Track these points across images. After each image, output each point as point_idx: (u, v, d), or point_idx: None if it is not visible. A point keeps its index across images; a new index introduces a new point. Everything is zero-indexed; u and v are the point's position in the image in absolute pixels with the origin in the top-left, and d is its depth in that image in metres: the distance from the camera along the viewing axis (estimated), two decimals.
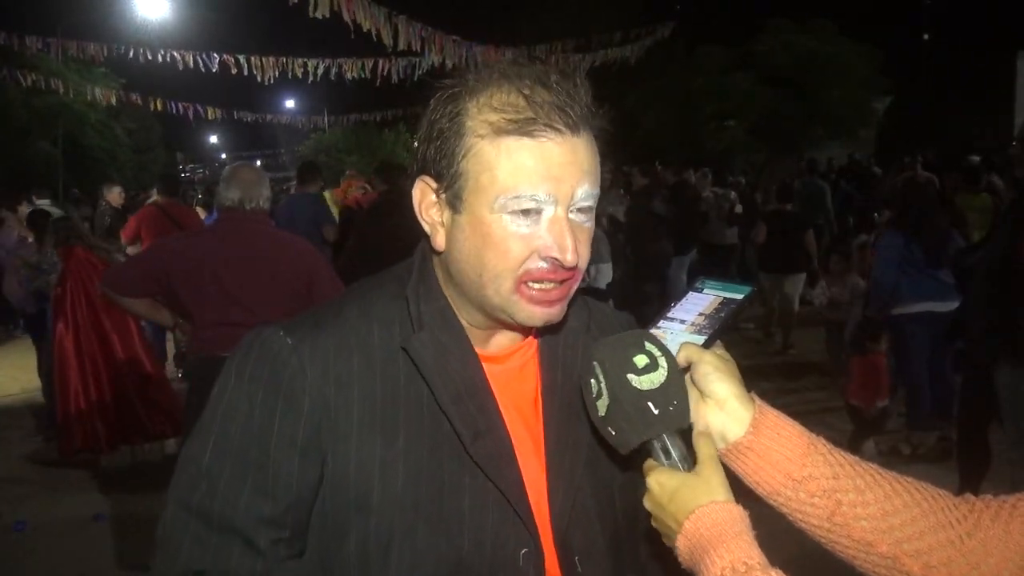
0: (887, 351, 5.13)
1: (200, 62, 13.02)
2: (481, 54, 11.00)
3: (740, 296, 1.03)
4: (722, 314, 1.02)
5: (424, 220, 1.00)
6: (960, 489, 1.08)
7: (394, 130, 30.90)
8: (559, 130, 0.93)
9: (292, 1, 8.15)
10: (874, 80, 21.96)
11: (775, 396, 5.62)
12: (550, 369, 1.08)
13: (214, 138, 59.73)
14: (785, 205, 8.26)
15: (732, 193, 10.42)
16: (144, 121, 28.06)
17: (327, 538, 0.99)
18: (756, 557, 0.81)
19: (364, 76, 12.87)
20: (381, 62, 12.61)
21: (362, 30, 8.95)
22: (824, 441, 0.96)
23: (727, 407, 0.94)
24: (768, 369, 7.28)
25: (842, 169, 15.62)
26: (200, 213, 8.92)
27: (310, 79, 13.14)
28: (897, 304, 5.11)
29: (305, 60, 13.13)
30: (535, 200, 0.93)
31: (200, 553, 0.96)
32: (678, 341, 0.99)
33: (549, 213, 0.94)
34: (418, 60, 11.83)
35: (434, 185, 0.97)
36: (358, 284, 1.10)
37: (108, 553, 4.18)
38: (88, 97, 20.13)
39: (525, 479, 1.01)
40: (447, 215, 0.98)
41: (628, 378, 0.89)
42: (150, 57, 13.26)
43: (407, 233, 1.10)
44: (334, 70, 13.03)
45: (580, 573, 1.02)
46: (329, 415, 0.97)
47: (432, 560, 0.96)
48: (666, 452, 0.91)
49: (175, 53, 13.20)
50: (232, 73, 13.01)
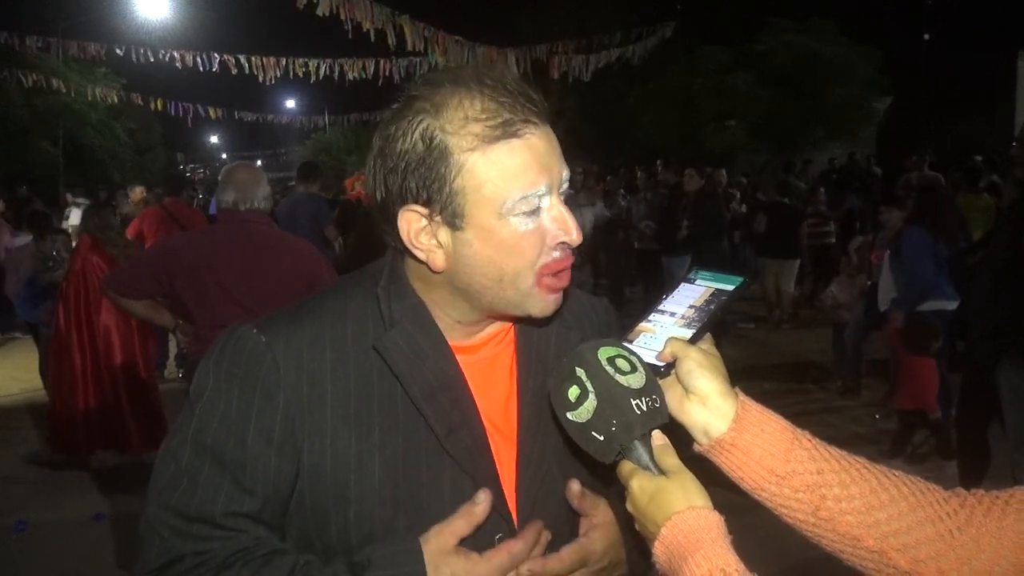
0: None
1: (200, 62, 13.03)
2: (483, 54, 10.99)
3: (731, 287, 1.03)
4: (712, 306, 1.02)
5: (417, 248, 0.99)
6: None
7: None
8: (535, 122, 0.96)
9: (300, 3, 8.15)
10: (874, 80, 21.93)
11: (776, 396, 5.62)
12: (524, 357, 1.11)
13: (215, 138, 59.82)
14: (783, 199, 9.11)
15: (736, 194, 10.48)
16: (145, 121, 28.05)
17: (308, 526, 1.01)
18: (733, 563, 0.80)
19: (364, 76, 12.87)
20: (382, 62, 12.61)
21: (363, 30, 8.94)
22: (809, 436, 0.95)
23: (710, 403, 0.94)
24: (769, 369, 7.27)
25: (843, 169, 15.59)
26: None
27: (312, 79, 13.15)
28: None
29: (306, 60, 13.14)
30: (538, 196, 0.95)
31: (179, 545, 0.98)
32: (667, 335, 0.99)
33: (547, 203, 0.97)
34: (419, 60, 11.83)
35: (424, 211, 0.97)
36: (337, 281, 1.13)
37: (108, 553, 4.18)
38: (89, 97, 20.15)
39: (499, 466, 1.04)
40: (444, 235, 0.97)
41: (617, 378, 0.90)
42: (151, 57, 13.28)
43: None
44: (336, 70, 13.02)
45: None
46: (303, 410, 0.99)
47: None
48: (643, 454, 0.90)
49: (175, 53, 13.22)
50: (232, 73, 13.02)
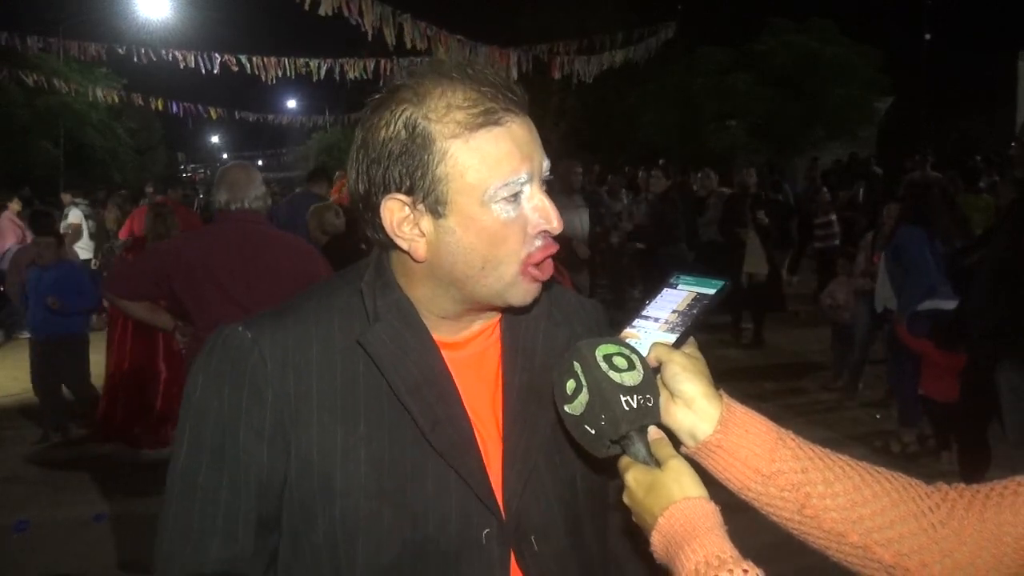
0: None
1: (201, 62, 13.03)
2: (486, 54, 10.97)
3: (712, 291, 1.04)
4: (694, 310, 1.03)
5: (399, 237, 1.00)
6: None
7: None
8: (516, 111, 0.98)
9: (305, 4, 8.14)
10: (875, 80, 21.95)
11: (776, 396, 5.64)
12: (511, 353, 1.11)
13: (215, 138, 59.92)
14: (778, 196, 10.23)
15: (725, 191, 10.49)
16: (145, 121, 28.09)
17: (296, 523, 1.02)
18: (728, 551, 0.82)
19: (365, 76, 12.86)
20: (383, 62, 12.61)
21: (365, 29, 8.92)
22: (792, 435, 0.97)
23: (695, 406, 0.96)
24: (769, 369, 7.28)
25: (845, 167, 15.58)
26: None
27: (314, 78, 13.14)
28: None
29: (307, 60, 13.14)
30: (519, 183, 0.97)
31: (182, 552, 1.00)
32: (651, 340, 1.01)
33: (527, 191, 0.99)
34: (420, 60, 11.83)
35: (407, 199, 0.98)
36: (323, 279, 1.16)
37: (109, 553, 4.19)
38: (89, 97, 20.16)
39: (487, 461, 1.04)
40: (427, 223, 0.98)
41: (610, 374, 0.91)
42: (152, 57, 13.28)
43: None
44: (336, 70, 13.02)
45: (536, 551, 1.06)
46: (290, 404, 1.00)
47: (398, 543, 1.00)
48: (640, 449, 0.92)
49: (176, 53, 13.21)
50: (233, 73, 13.02)
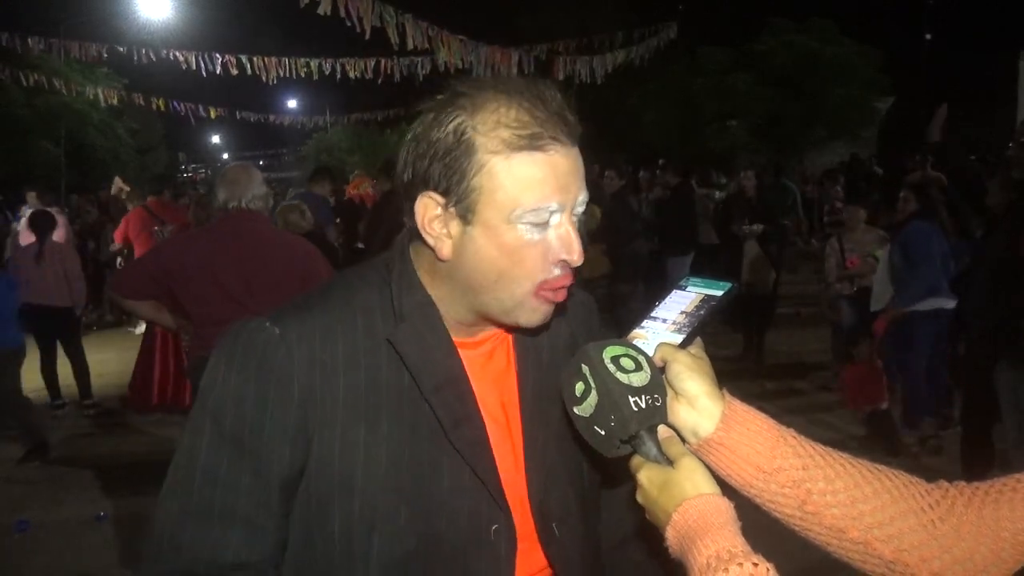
0: (883, 350, 5.10)
1: (202, 62, 13.03)
2: (487, 54, 10.97)
3: (720, 292, 1.07)
4: (702, 312, 1.05)
5: (428, 233, 1.03)
6: None
7: (396, 130, 30.92)
8: (563, 142, 0.99)
9: (302, 1, 8.14)
10: (875, 80, 21.97)
11: (776, 396, 5.64)
12: (521, 351, 1.16)
13: (216, 138, 59.84)
14: (784, 200, 9.82)
15: (717, 193, 10.51)
16: (146, 121, 28.09)
17: (310, 519, 1.04)
18: (740, 545, 0.83)
19: (366, 76, 12.87)
20: (383, 61, 12.61)
21: (367, 28, 8.92)
22: (793, 433, 0.98)
23: (698, 404, 0.97)
24: (769, 369, 7.29)
25: (848, 167, 15.60)
26: None
27: (314, 77, 13.14)
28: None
29: (308, 60, 13.14)
30: (548, 211, 0.99)
31: (201, 542, 1.00)
32: (658, 340, 1.03)
33: (556, 220, 1.00)
34: (420, 60, 11.83)
35: (441, 200, 1.00)
36: (340, 275, 1.16)
37: (111, 553, 4.19)
38: (90, 97, 20.17)
39: (498, 459, 1.08)
40: (455, 227, 1.01)
41: (618, 376, 0.93)
42: (152, 57, 13.28)
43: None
44: (337, 70, 13.02)
45: (559, 538, 1.12)
46: (315, 401, 1.01)
47: (412, 539, 1.03)
48: (651, 448, 0.94)
49: (177, 53, 13.21)
50: (234, 73, 13.02)
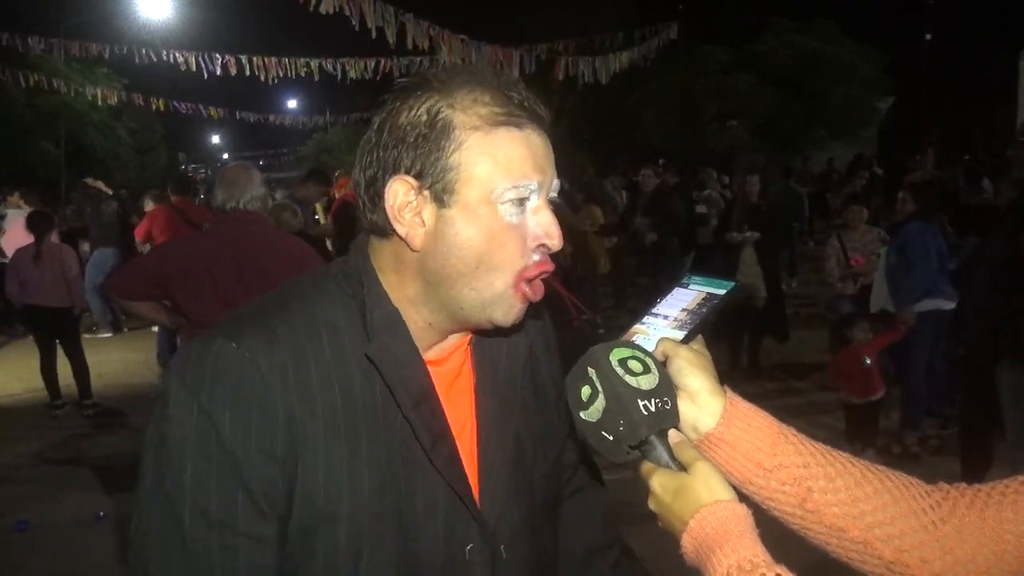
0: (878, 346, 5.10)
1: (202, 62, 13.02)
2: (489, 54, 10.96)
3: (723, 291, 1.06)
4: (704, 309, 1.04)
5: (399, 222, 0.98)
6: None
7: None
8: (538, 124, 0.99)
9: (308, 4, 8.13)
10: (876, 80, 21.95)
11: (776, 396, 5.63)
12: (480, 368, 1.11)
13: (216, 138, 59.85)
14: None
15: (698, 207, 10.54)
16: (146, 121, 28.06)
17: (294, 549, 0.97)
18: (761, 555, 0.82)
19: (366, 75, 12.86)
20: (383, 61, 12.61)
21: (368, 28, 8.91)
22: (794, 431, 0.98)
23: (699, 400, 0.97)
24: (769, 369, 7.28)
25: (850, 167, 15.61)
26: None
27: (314, 77, 13.13)
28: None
29: (308, 60, 13.14)
30: (528, 188, 0.97)
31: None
32: (659, 336, 1.02)
33: (534, 202, 0.98)
34: (421, 60, 11.82)
35: (414, 183, 0.96)
36: (293, 285, 1.07)
37: (110, 553, 4.19)
38: (90, 97, 20.16)
39: (468, 475, 1.04)
40: (430, 212, 0.97)
41: (626, 379, 0.91)
42: (152, 57, 13.28)
43: None
44: (337, 69, 13.02)
45: (505, 560, 1.07)
46: (296, 425, 0.95)
47: (396, 564, 0.98)
48: (662, 454, 0.92)
49: (177, 53, 13.21)
50: (234, 73, 13.01)
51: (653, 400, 0.90)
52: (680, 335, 1.01)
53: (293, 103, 37.83)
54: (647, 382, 0.91)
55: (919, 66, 26.58)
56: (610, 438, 0.91)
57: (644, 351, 0.96)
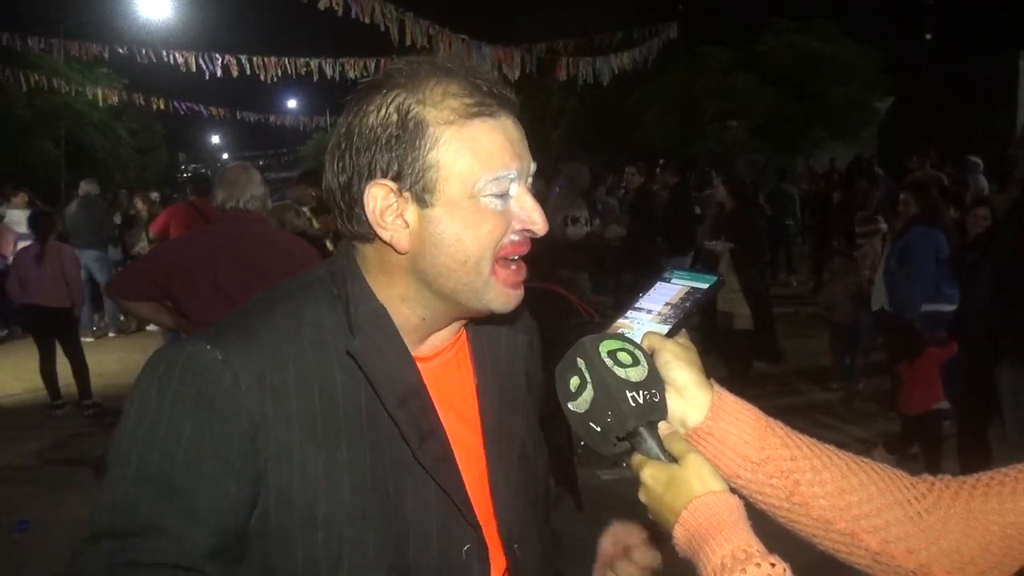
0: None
1: (202, 62, 13.03)
2: (490, 54, 10.97)
3: (706, 285, 1.07)
4: (687, 303, 1.05)
5: (382, 227, 0.96)
6: None
7: None
8: (509, 110, 0.98)
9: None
10: (876, 80, 21.95)
11: (776, 396, 5.61)
12: (480, 363, 1.10)
13: (216, 138, 59.89)
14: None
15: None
16: (146, 121, 28.09)
17: (270, 553, 0.94)
18: (755, 545, 0.82)
19: (366, 75, 12.86)
20: (383, 61, 12.61)
21: (367, 26, 8.91)
22: (781, 424, 0.98)
23: (686, 394, 0.97)
24: (769, 369, 7.27)
25: (849, 168, 15.58)
26: None
27: (315, 77, 13.15)
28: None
29: (308, 60, 13.14)
30: (509, 178, 0.96)
31: None
32: (643, 330, 1.02)
33: (515, 189, 0.98)
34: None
35: (393, 186, 0.95)
36: (280, 288, 1.05)
37: None
38: (90, 97, 20.17)
39: (464, 476, 1.02)
40: (412, 214, 0.96)
41: (615, 370, 0.91)
42: (152, 57, 13.28)
43: None
44: (337, 69, 13.02)
45: (519, 558, 1.07)
46: (266, 429, 0.92)
47: (383, 568, 0.96)
48: (652, 446, 0.92)
49: (177, 54, 13.21)
50: (234, 73, 13.02)
51: (641, 392, 0.91)
52: (664, 329, 1.01)
53: (293, 103, 37.86)
54: (636, 374, 0.91)
55: (919, 66, 26.55)
56: (598, 429, 0.91)
57: (634, 344, 0.96)
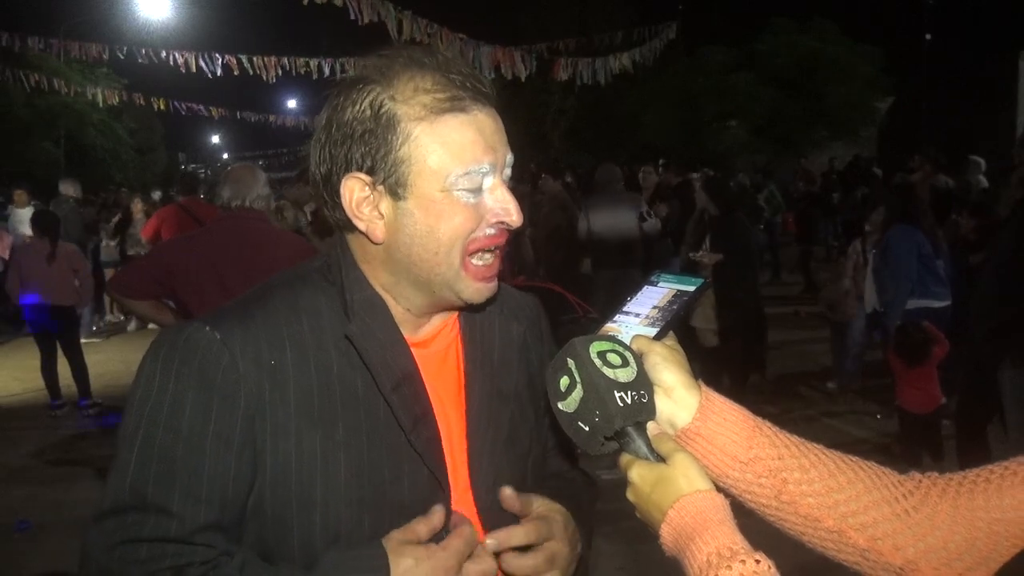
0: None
1: (202, 62, 13.03)
2: (489, 54, 10.97)
3: (692, 288, 1.08)
4: (675, 306, 1.06)
5: (358, 218, 0.99)
6: None
7: None
8: (483, 102, 0.98)
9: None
10: (876, 80, 21.96)
11: (776, 396, 5.59)
12: (470, 350, 1.11)
13: (216, 138, 59.86)
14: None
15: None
16: (146, 121, 28.11)
17: (267, 533, 0.98)
18: (740, 543, 0.83)
19: None
20: None
21: (367, 26, 8.91)
22: (769, 424, 0.99)
23: (674, 395, 0.97)
24: (768, 370, 7.26)
25: (848, 168, 15.58)
26: None
27: (314, 76, 13.15)
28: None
29: (307, 60, 13.14)
30: (481, 173, 0.97)
31: (129, 559, 0.93)
32: (631, 334, 1.03)
33: (489, 182, 0.99)
34: None
35: (367, 179, 0.97)
36: (279, 276, 1.09)
37: None
38: (90, 97, 20.18)
39: (448, 460, 1.04)
40: (386, 206, 0.98)
41: (604, 371, 0.92)
42: (152, 58, 13.29)
43: None
44: (337, 69, 13.02)
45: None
46: (264, 409, 0.95)
47: None
48: (640, 445, 0.93)
49: (177, 54, 13.22)
50: (235, 73, 13.03)
51: (630, 392, 0.92)
52: (652, 332, 1.02)
53: (293, 103, 37.83)
54: (625, 375, 0.92)
55: (919, 66, 26.56)
56: (586, 428, 0.92)
57: (624, 345, 0.97)
